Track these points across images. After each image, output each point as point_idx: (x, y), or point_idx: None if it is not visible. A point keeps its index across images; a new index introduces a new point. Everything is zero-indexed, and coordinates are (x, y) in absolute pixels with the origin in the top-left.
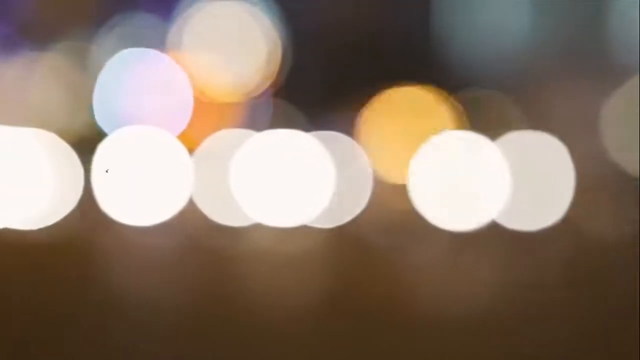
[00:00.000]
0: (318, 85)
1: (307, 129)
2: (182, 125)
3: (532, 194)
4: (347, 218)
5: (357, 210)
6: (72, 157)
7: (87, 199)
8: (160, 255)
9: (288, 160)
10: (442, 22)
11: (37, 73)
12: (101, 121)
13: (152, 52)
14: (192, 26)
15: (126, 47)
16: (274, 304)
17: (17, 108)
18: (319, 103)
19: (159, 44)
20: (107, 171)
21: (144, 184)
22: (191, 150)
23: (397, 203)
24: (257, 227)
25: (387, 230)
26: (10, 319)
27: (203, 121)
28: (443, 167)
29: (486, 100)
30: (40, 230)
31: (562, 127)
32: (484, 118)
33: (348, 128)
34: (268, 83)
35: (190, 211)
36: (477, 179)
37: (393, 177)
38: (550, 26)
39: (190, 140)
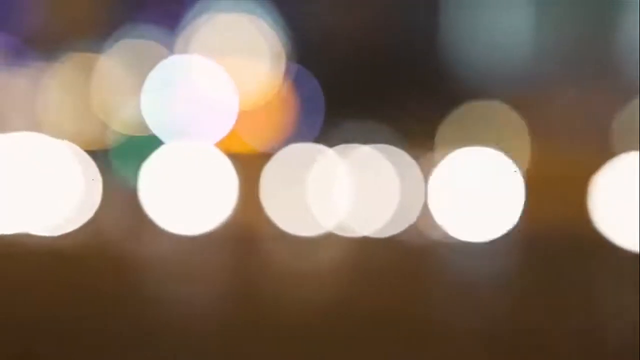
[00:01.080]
0: (322, 96)
1: (363, 141)
2: (225, 131)
3: None
4: (402, 228)
5: (410, 220)
6: (90, 165)
7: (106, 207)
8: (209, 263)
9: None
10: (450, 31)
11: (45, 83)
12: (154, 129)
13: (199, 59)
14: (198, 37)
15: (133, 57)
16: (330, 312)
17: (29, 117)
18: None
19: (165, 54)
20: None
21: (191, 193)
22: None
23: None
24: (329, 237)
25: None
26: (22, 324)
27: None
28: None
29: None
30: (60, 236)
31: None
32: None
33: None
34: (272, 94)
35: (264, 222)
36: None
37: None
38: (555, 34)
39: (231, 145)
